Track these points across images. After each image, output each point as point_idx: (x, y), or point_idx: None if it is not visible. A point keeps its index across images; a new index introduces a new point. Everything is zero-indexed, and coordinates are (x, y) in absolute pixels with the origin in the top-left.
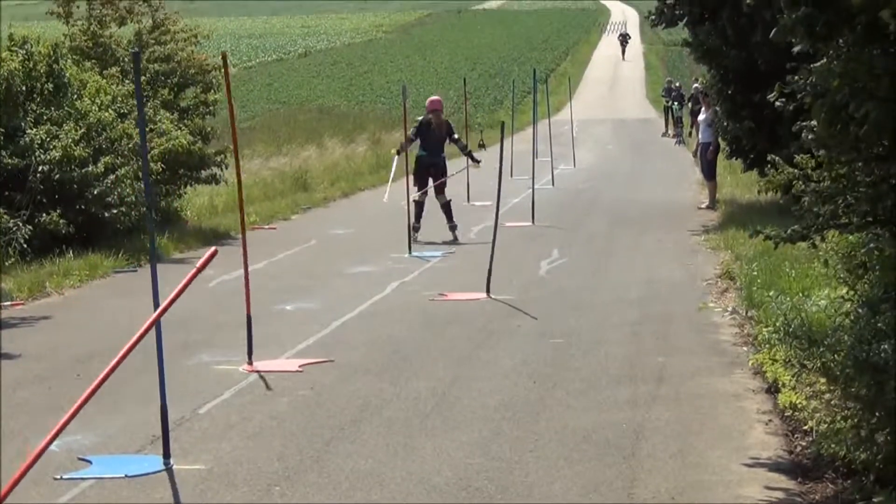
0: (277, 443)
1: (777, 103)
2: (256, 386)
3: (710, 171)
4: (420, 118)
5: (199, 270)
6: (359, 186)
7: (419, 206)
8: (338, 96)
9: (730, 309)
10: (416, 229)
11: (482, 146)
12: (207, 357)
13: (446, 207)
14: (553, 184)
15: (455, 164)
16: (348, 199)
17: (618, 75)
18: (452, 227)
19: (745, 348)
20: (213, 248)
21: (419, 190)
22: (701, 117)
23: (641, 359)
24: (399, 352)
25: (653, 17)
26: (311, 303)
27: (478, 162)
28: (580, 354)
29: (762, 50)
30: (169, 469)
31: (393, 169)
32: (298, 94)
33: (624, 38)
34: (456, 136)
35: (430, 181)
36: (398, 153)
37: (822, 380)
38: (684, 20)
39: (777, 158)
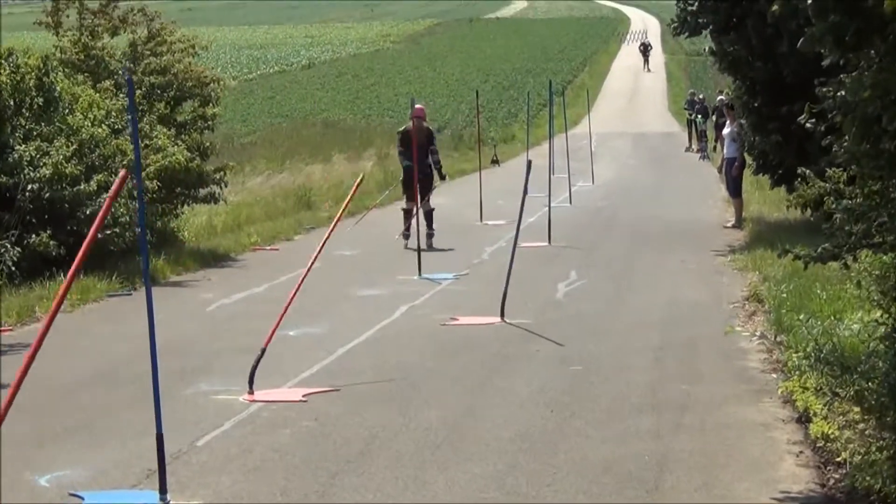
0: (280, 477)
1: (808, 125)
2: (258, 416)
3: (735, 188)
4: (401, 128)
5: (113, 198)
6: (366, 205)
7: (408, 214)
8: (343, 109)
9: (758, 333)
10: (406, 237)
11: (495, 162)
12: (206, 386)
13: (429, 215)
14: (570, 201)
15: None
16: (355, 218)
17: (638, 87)
18: (429, 235)
19: (773, 375)
20: (123, 172)
21: (407, 199)
22: (725, 131)
23: (665, 386)
24: (408, 379)
25: (675, 25)
26: (316, 328)
27: (442, 178)
28: (600, 382)
29: (789, 61)
30: None
31: (382, 196)
32: (302, 108)
33: (645, 48)
34: (433, 147)
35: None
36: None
37: (856, 408)
38: (708, 29)
39: (808, 171)
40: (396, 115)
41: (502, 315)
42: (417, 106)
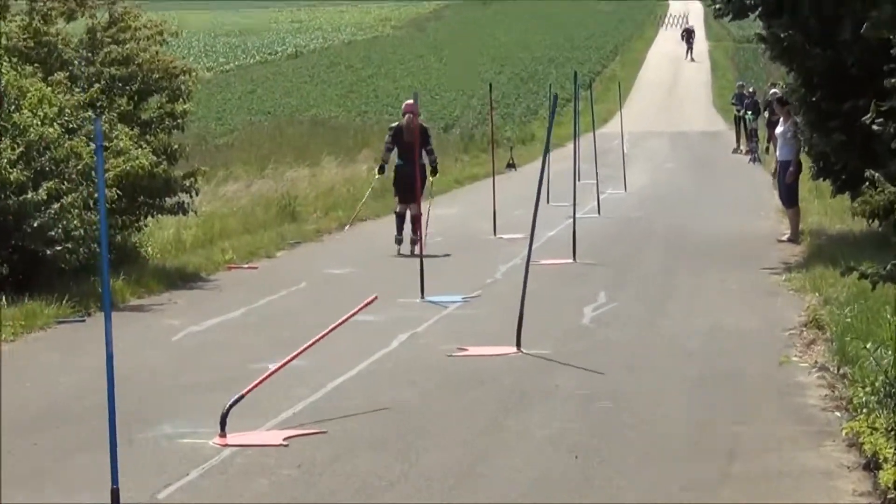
0: None
1: (875, 126)
2: (230, 463)
3: (790, 196)
4: (393, 124)
5: None
6: (360, 216)
7: (400, 217)
8: (335, 105)
9: (817, 365)
10: (399, 241)
11: (511, 166)
12: (170, 428)
13: (416, 220)
14: (599, 212)
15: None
16: (346, 231)
17: (678, 78)
18: (413, 241)
19: (836, 414)
20: None
21: (400, 201)
22: (779, 130)
23: (709, 427)
24: (408, 420)
25: (718, 6)
26: (300, 360)
27: (434, 174)
28: (633, 422)
29: (852, 48)
30: None
31: (366, 195)
32: (287, 104)
33: (689, 34)
34: (430, 146)
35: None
36: (380, 172)
37: None
38: (757, 11)
39: (876, 175)
40: (396, 112)
41: (518, 344)
42: (410, 101)
